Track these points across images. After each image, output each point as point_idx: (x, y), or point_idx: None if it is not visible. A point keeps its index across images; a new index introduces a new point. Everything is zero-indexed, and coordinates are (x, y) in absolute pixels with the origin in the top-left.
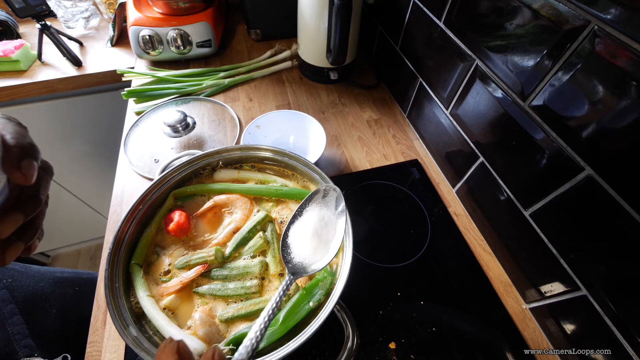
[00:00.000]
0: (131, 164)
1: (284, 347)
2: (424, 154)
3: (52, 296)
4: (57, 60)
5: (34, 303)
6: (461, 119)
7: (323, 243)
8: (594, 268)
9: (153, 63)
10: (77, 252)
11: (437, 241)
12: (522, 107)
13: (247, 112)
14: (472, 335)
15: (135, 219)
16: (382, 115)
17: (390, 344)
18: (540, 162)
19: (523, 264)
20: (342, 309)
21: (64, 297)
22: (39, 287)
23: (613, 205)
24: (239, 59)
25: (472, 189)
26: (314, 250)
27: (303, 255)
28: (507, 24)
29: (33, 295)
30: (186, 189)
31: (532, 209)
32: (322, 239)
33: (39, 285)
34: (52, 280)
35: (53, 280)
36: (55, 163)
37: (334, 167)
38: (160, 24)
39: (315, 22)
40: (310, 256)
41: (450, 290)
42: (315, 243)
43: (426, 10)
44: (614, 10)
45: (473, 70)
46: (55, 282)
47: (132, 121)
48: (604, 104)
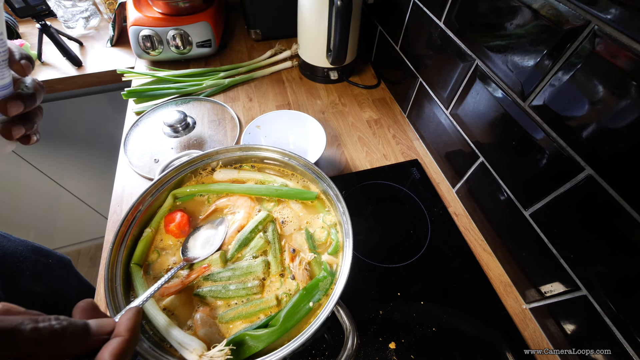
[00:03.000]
0: (131, 164)
1: (284, 347)
2: (424, 154)
3: (29, 260)
4: (57, 60)
5: (12, 262)
6: (461, 119)
7: (209, 244)
8: (594, 268)
9: (153, 63)
10: (77, 252)
11: (437, 241)
12: (522, 107)
13: (247, 112)
14: (472, 335)
15: (135, 219)
16: (382, 115)
17: (390, 344)
18: (541, 162)
19: (523, 264)
20: (342, 309)
21: (38, 263)
22: (17, 250)
23: (613, 205)
24: (239, 59)
25: (472, 189)
26: (202, 248)
27: (195, 251)
28: (507, 24)
29: (12, 255)
30: (186, 188)
31: (532, 209)
32: (209, 242)
33: (18, 248)
34: (30, 247)
35: (31, 248)
36: (55, 163)
37: (334, 167)
38: (160, 24)
39: (315, 22)
40: (199, 252)
41: (450, 290)
42: (203, 245)
43: (426, 10)
44: (614, 10)
45: (473, 70)
46: (32, 249)
47: (132, 121)
48: (604, 104)
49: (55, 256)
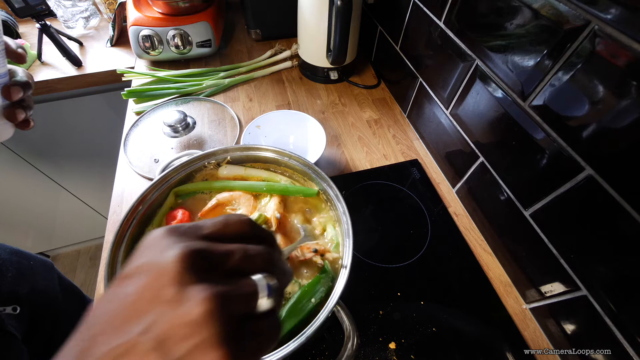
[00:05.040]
0: (131, 164)
1: (284, 347)
2: (424, 154)
3: (9, 262)
4: (56, 60)
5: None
6: (461, 119)
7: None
8: (594, 268)
9: (153, 63)
10: (77, 252)
11: (437, 241)
12: (522, 107)
13: (247, 112)
14: (472, 335)
15: (135, 219)
16: (382, 115)
17: (390, 344)
18: (541, 162)
19: (523, 264)
20: (342, 309)
21: (19, 265)
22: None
23: (613, 205)
24: (239, 59)
25: (472, 189)
26: None
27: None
28: (507, 23)
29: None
30: (187, 186)
31: (532, 209)
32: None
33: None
34: (10, 250)
35: (10, 250)
36: (55, 163)
37: (334, 167)
38: (160, 24)
39: (315, 22)
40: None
41: (450, 290)
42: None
43: (426, 10)
44: (614, 10)
45: (473, 70)
46: (12, 252)
47: (132, 121)
48: (604, 104)
49: (36, 259)
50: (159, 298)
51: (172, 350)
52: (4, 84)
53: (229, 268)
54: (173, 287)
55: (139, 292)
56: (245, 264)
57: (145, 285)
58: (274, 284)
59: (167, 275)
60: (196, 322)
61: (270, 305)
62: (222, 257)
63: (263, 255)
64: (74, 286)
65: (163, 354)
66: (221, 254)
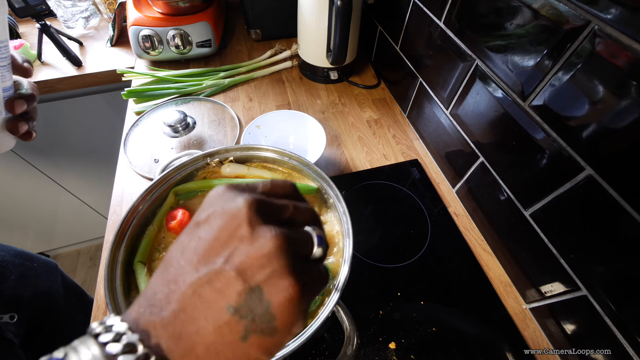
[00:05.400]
0: (131, 164)
1: (284, 347)
2: (424, 154)
3: (13, 265)
4: (56, 60)
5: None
6: (461, 119)
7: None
8: (594, 268)
9: (153, 63)
10: (77, 252)
11: (437, 241)
12: (522, 107)
13: (247, 112)
14: (472, 335)
15: (135, 219)
16: (382, 115)
17: (390, 344)
18: (541, 162)
19: (523, 264)
20: (342, 309)
21: (23, 267)
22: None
23: (613, 205)
24: (239, 59)
25: (472, 189)
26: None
27: None
28: (507, 23)
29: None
30: (187, 185)
31: (532, 209)
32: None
33: (0, 254)
34: (13, 252)
35: (14, 252)
36: (55, 163)
37: (334, 167)
38: (160, 24)
39: (315, 22)
40: None
41: (450, 290)
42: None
43: (426, 10)
44: (614, 10)
45: (473, 70)
46: (15, 254)
47: (132, 121)
48: (604, 104)
49: (40, 260)
50: (236, 236)
51: (252, 278)
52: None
53: (284, 219)
54: (246, 226)
55: (217, 232)
56: (298, 216)
57: (222, 227)
58: (323, 235)
59: (240, 217)
60: (269, 254)
61: (321, 253)
62: (279, 208)
63: (311, 211)
64: (77, 286)
65: (244, 280)
66: (278, 206)
